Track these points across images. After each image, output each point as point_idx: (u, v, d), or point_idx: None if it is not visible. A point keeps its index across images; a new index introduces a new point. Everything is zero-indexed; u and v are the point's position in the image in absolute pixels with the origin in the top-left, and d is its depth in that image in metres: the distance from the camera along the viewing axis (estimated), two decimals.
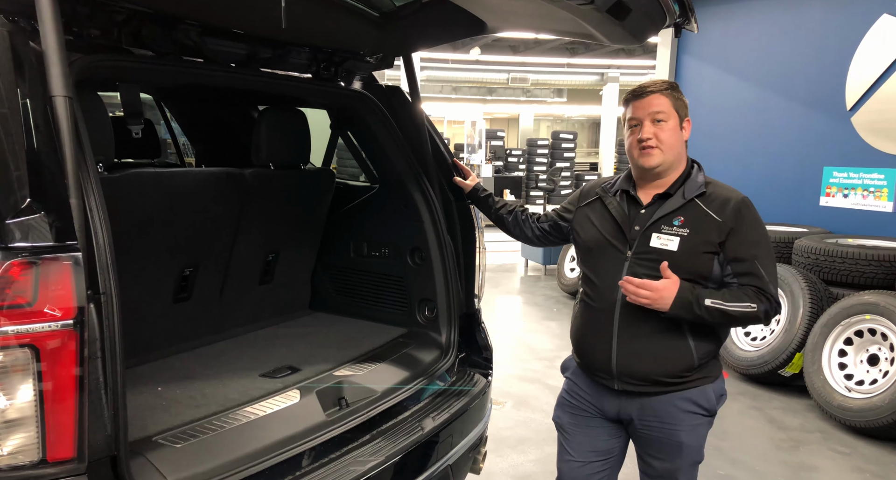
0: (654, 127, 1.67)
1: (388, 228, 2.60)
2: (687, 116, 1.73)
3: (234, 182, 2.22)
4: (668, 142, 1.67)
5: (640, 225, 1.71)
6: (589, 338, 1.80)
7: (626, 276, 1.66)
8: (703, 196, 1.69)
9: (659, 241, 1.67)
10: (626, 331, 1.69)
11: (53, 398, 1.23)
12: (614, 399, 1.77)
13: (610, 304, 1.71)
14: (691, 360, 1.67)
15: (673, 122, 1.68)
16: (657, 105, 1.68)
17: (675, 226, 1.66)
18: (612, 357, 1.71)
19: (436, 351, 2.40)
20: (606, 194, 1.82)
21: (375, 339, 2.42)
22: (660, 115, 1.67)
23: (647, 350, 1.68)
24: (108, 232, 1.36)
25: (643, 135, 1.67)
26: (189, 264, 2.18)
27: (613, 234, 1.74)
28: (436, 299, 2.49)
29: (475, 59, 14.97)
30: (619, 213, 1.75)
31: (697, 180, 1.71)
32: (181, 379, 1.94)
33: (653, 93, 1.69)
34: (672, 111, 1.68)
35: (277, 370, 2.06)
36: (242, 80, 2.01)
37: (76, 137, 1.35)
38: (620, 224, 1.74)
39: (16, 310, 1.19)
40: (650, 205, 1.72)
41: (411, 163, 2.46)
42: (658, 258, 1.64)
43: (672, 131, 1.68)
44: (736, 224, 1.63)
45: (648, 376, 1.69)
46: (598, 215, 1.82)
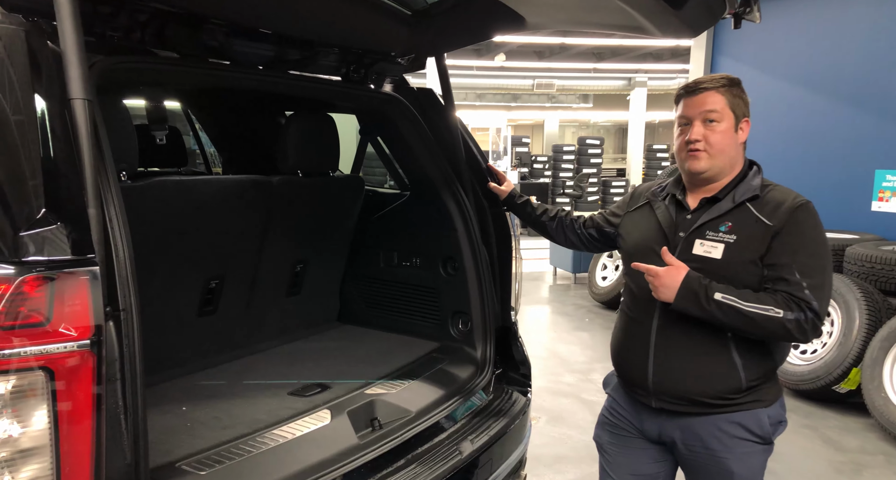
0: (704, 128, 1.54)
1: (419, 237, 2.49)
2: (746, 116, 1.58)
3: (260, 190, 2.13)
4: (718, 145, 1.54)
5: (684, 230, 1.59)
6: (625, 351, 1.69)
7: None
8: (756, 200, 1.54)
9: (702, 248, 1.53)
10: (663, 344, 1.57)
11: (69, 424, 1.13)
12: (654, 418, 1.64)
13: (647, 315, 1.60)
14: (737, 381, 1.52)
15: (727, 123, 1.54)
16: (710, 103, 1.53)
17: (722, 232, 1.52)
18: (648, 371, 1.59)
19: (471, 366, 2.28)
20: (655, 199, 1.71)
21: (407, 354, 2.31)
22: (712, 115, 1.53)
23: (686, 366, 1.55)
24: (128, 244, 1.27)
25: (691, 137, 1.54)
26: (215, 276, 2.10)
27: (657, 241, 1.62)
28: (470, 312, 2.37)
29: (500, 65, 14.87)
30: (665, 219, 1.64)
31: (752, 183, 1.56)
32: (206, 398, 1.84)
33: (707, 90, 1.55)
34: (727, 110, 1.54)
35: (306, 387, 1.95)
36: (270, 83, 1.92)
37: (96, 143, 1.27)
38: (665, 230, 1.62)
39: (30, 330, 1.09)
40: (697, 210, 1.60)
41: (444, 168, 2.35)
42: (701, 267, 1.51)
43: (724, 133, 1.54)
44: (783, 227, 1.47)
45: (687, 395, 1.55)
46: (645, 221, 1.71)
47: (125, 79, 1.60)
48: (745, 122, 1.58)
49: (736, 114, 1.55)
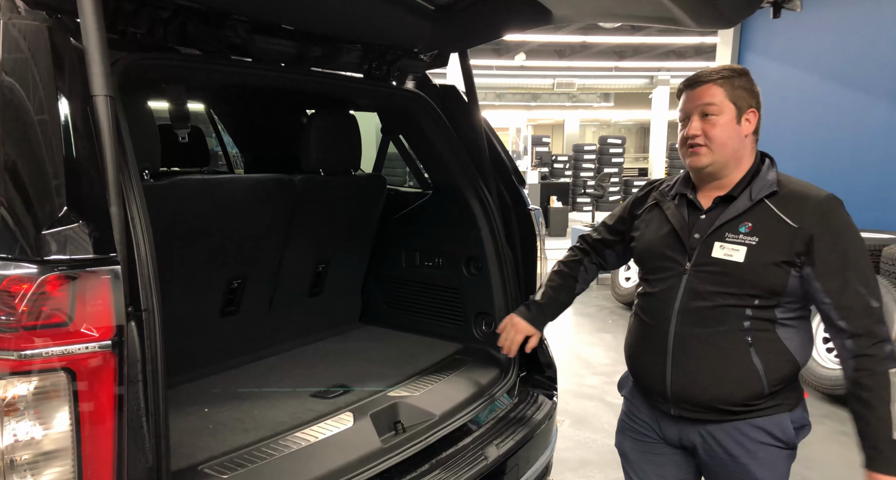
0: (702, 122, 1.47)
1: (441, 237, 2.45)
2: (753, 107, 1.47)
3: (283, 189, 2.11)
4: (718, 139, 1.46)
5: (700, 232, 1.50)
6: (641, 357, 1.61)
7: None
8: (774, 196, 1.45)
9: (723, 251, 1.45)
10: (681, 350, 1.49)
11: (91, 426, 1.11)
12: (673, 424, 1.58)
13: (664, 319, 1.52)
14: (759, 386, 1.44)
15: (727, 116, 1.46)
16: (708, 96, 1.46)
17: (742, 234, 1.44)
18: (666, 379, 1.51)
19: (495, 369, 2.23)
20: (664, 199, 1.61)
21: (430, 356, 2.27)
22: (710, 108, 1.46)
23: (706, 372, 1.47)
24: (150, 243, 1.25)
25: (689, 132, 1.48)
26: (237, 276, 2.08)
27: (671, 243, 1.54)
28: (494, 312, 2.32)
29: (520, 64, 14.78)
30: (677, 220, 1.55)
31: (767, 178, 1.47)
32: (228, 400, 1.82)
33: (705, 83, 1.48)
34: (726, 102, 1.45)
35: (329, 389, 1.92)
36: (292, 80, 1.90)
37: (118, 140, 1.25)
38: (679, 231, 1.53)
39: (52, 330, 1.08)
40: (711, 210, 1.51)
41: (467, 167, 2.31)
42: (722, 270, 1.44)
43: (725, 126, 1.45)
44: (817, 231, 1.39)
45: (707, 402, 1.47)
46: (656, 222, 1.61)
47: (148, 76, 1.59)
48: (750, 113, 1.48)
49: (738, 105, 1.46)
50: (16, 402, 1.06)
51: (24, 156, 1.18)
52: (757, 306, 1.43)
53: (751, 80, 1.49)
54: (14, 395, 1.05)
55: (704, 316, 1.46)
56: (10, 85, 1.20)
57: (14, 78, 1.22)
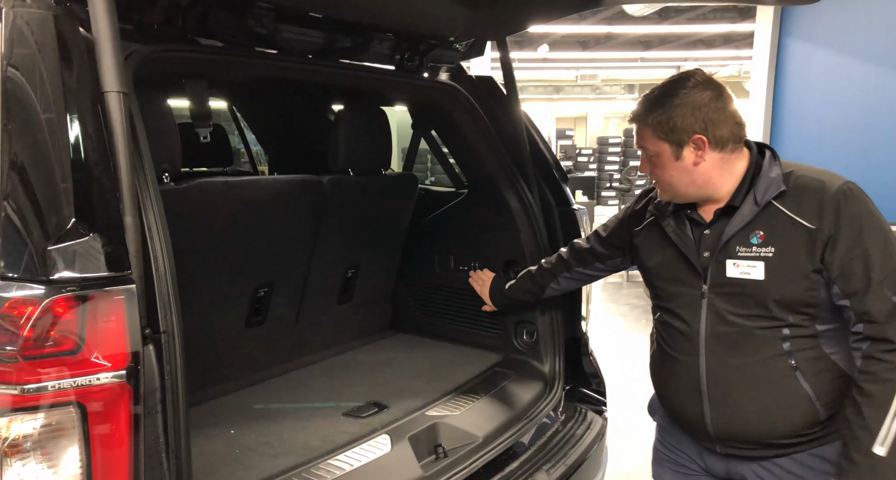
0: (649, 162, 1.36)
1: (478, 239, 2.29)
2: (696, 132, 1.26)
3: (310, 190, 1.97)
4: (664, 180, 1.34)
5: (708, 249, 1.33)
6: (673, 394, 1.44)
7: None
8: (783, 196, 1.26)
9: (738, 270, 1.28)
10: (717, 386, 1.33)
11: (104, 467, 0.98)
12: (720, 460, 1.41)
13: (692, 353, 1.36)
14: (813, 413, 1.28)
15: (664, 156, 1.31)
16: (638, 138, 1.36)
17: (755, 246, 1.26)
18: (706, 418, 1.35)
19: (539, 383, 2.07)
20: (662, 214, 1.42)
21: (468, 369, 2.11)
22: (644, 151, 1.36)
23: (749, 406, 1.31)
24: (169, 256, 1.11)
25: (640, 169, 1.42)
26: (263, 284, 1.95)
27: (679, 266, 1.38)
28: (536, 321, 2.16)
29: (543, 56, 14.51)
30: (679, 238, 1.38)
31: (771, 176, 1.28)
32: (255, 419, 1.69)
33: (633, 120, 1.36)
34: (657, 143, 1.31)
35: (362, 408, 1.78)
36: (320, 73, 1.75)
37: (133, 141, 1.11)
38: (684, 251, 1.36)
39: (60, 359, 0.95)
40: (714, 223, 1.34)
41: (506, 164, 2.15)
42: (743, 291, 1.27)
43: (665, 167, 1.32)
44: (836, 228, 1.20)
45: (757, 438, 1.32)
46: (657, 242, 1.44)
47: (166, 70, 1.46)
48: (696, 140, 1.26)
49: (670, 140, 1.29)
50: (20, 442, 0.93)
51: (30, 162, 1.05)
52: (793, 324, 1.26)
53: (682, 100, 1.26)
54: (18, 434, 0.92)
55: (736, 344, 1.30)
56: (14, 80, 1.07)
57: (19, 72, 1.09)
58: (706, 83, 1.29)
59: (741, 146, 1.33)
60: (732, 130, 1.29)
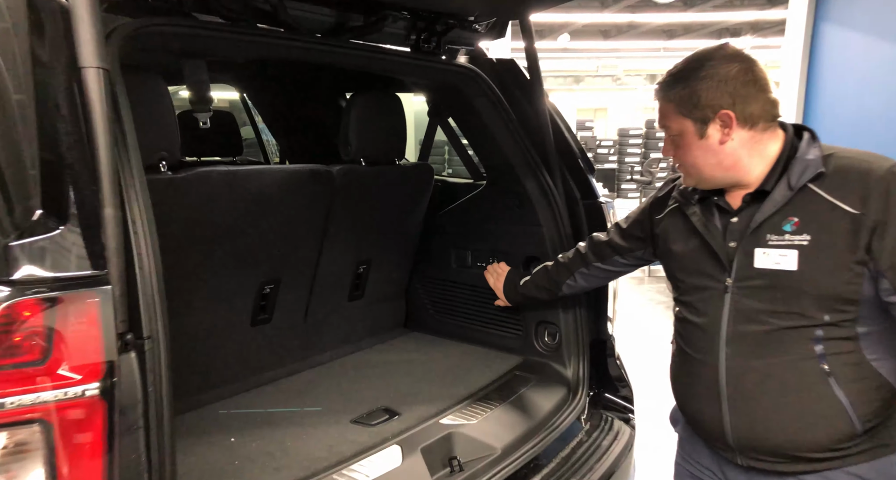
0: (672, 142, 1.26)
1: (497, 234, 2.15)
2: (722, 108, 1.15)
3: (319, 181, 1.85)
4: (687, 162, 1.24)
5: (734, 239, 1.21)
6: (691, 397, 1.33)
7: None
8: (821, 179, 1.13)
9: (767, 259, 1.16)
10: (737, 389, 1.21)
11: None
12: (742, 473, 1.28)
13: (711, 352, 1.24)
14: (848, 425, 1.14)
15: (688, 136, 1.20)
16: (661, 116, 1.25)
17: (788, 233, 1.14)
18: (725, 424, 1.24)
19: (562, 388, 1.93)
20: (687, 201, 1.32)
21: (486, 372, 1.98)
22: (666, 130, 1.25)
23: (773, 414, 1.18)
24: (155, 253, 0.99)
25: (662, 152, 1.30)
26: (269, 280, 1.83)
27: (703, 256, 1.26)
28: (558, 322, 2.02)
29: (563, 46, 14.23)
30: (704, 226, 1.27)
31: (808, 157, 1.15)
32: (258, 426, 1.58)
33: (656, 97, 1.25)
34: (681, 120, 1.20)
35: (372, 414, 1.66)
36: (329, 54, 1.62)
37: (115, 123, 1.00)
38: (709, 241, 1.25)
39: (21, 371, 0.83)
40: (743, 209, 1.21)
41: (528, 153, 2.00)
42: (772, 284, 1.15)
43: (689, 147, 1.21)
44: (885, 214, 1.07)
45: (781, 450, 1.19)
46: (681, 231, 1.34)
47: (159, 47, 1.34)
48: (722, 117, 1.15)
49: (694, 117, 1.18)
50: None
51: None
52: (828, 323, 1.13)
53: (708, 72, 1.15)
54: None
55: (761, 344, 1.18)
56: None
57: None
58: (735, 56, 1.17)
59: (775, 126, 1.20)
60: (764, 107, 1.16)
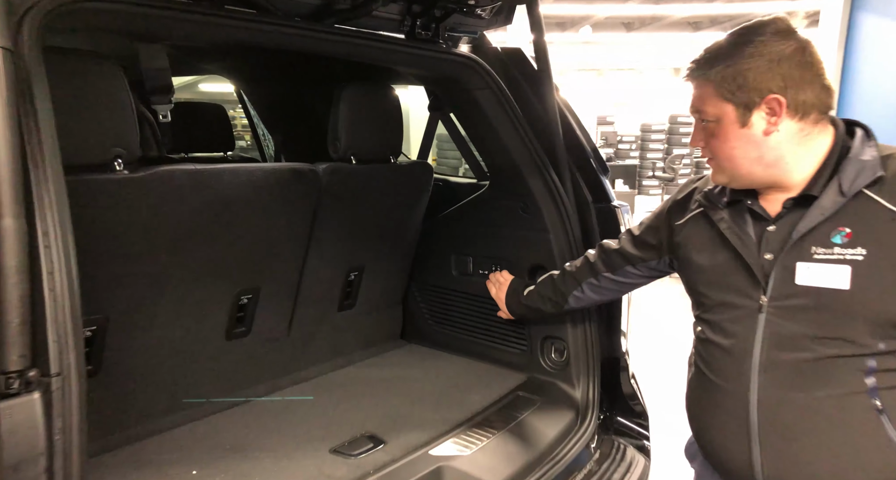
0: (704, 130, 1.11)
1: (500, 239, 1.98)
2: (771, 92, 1.01)
3: (303, 181, 1.68)
4: (721, 154, 1.09)
5: (771, 250, 1.07)
6: (713, 430, 1.18)
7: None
8: (879, 184, 1.00)
9: (812, 275, 1.02)
10: (772, 424, 1.07)
11: None
12: None
13: (740, 380, 1.10)
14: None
15: (727, 123, 1.06)
16: (695, 98, 1.10)
17: (839, 246, 1.00)
18: (755, 464, 1.10)
19: (569, 412, 1.75)
20: (713, 205, 1.17)
21: (486, 392, 1.81)
22: (701, 114, 1.10)
23: (815, 456, 1.05)
24: (71, 272, 0.84)
25: (690, 143, 1.16)
26: (246, 290, 1.67)
27: (732, 269, 1.12)
28: (566, 337, 1.84)
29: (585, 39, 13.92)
30: (736, 235, 1.12)
31: (863, 158, 1.02)
32: (225, 456, 1.42)
33: (690, 77, 1.10)
34: (720, 104, 1.05)
35: (354, 442, 1.49)
36: (307, 40, 1.45)
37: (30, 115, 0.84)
38: (741, 252, 1.10)
39: None
40: (783, 216, 1.07)
41: (534, 152, 1.83)
42: (817, 304, 1.01)
43: (726, 136, 1.07)
44: None
45: None
46: (706, 239, 1.18)
47: (104, 27, 1.18)
48: (770, 103, 1.01)
49: (737, 101, 1.04)
50: None
51: None
52: (883, 352, 1.00)
53: (757, 49, 1.01)
54: None
55: (802, 374, 1.04)
56: None
57: None
58: (790, 32, 1.03)
59: (826, 119, 1.06)
60: (819, 95, 1.02)
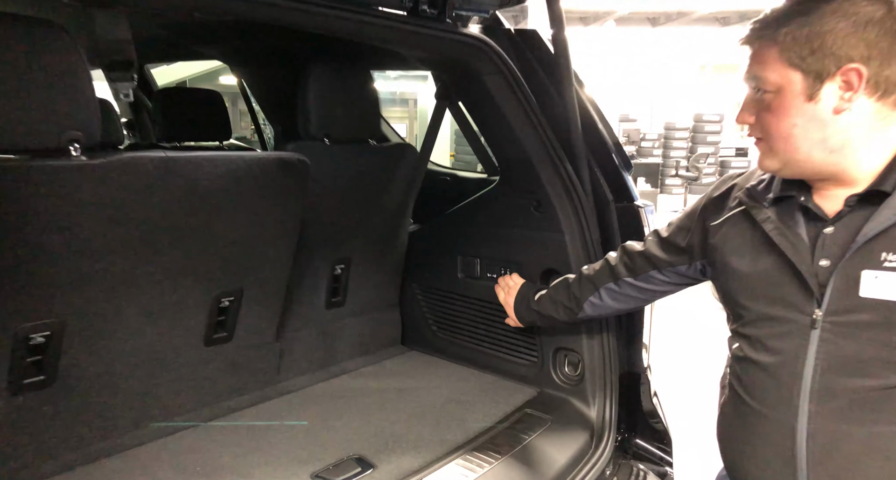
0: (755, 101, 0.96)
1: (510, 240, 1.82)
2: (849, 63, 0.86)
3: (292, 173, 1.53)
4: (779, 132, 0.93)
5: (829, 256, 0.93)
6: (751, 463, 1.04)
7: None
8: None
9: (882, 286, 0.88)
10: (825, 463, 0.94)
11: None
12: None
13: (786, 407, 0.97)
14: None
15: (789, 94, 0.90)
16: (754, 62, 0.94)
17: None
18: None
19: (583, 433, 1.58)
20: (757, 203, 1.03)
21: (491, 409, 1.64)
22: (758, 82, 0.94)
23: None
24: None
25: (736, 119, 1.00)
26: (228, 292, 1.53)
27: (780, 278, 0.98)
28: (581, 349, 1.68)
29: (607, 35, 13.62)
30: (785, 238, 0.97)
31: None
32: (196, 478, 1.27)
33: (751, 38, 0.94)
34: (785, 71, 0.90)
35: (339, 466, 1.34)
36: (290, 13, 1.28)
37: None
38: (791, 257, 0.96)
39: None
40: (844, 216, 0.94)
41: (550, 144, 1.66)
42: (886, 321, 0.88)
43: (786, 112, 0.91)
44: None
45: None
46: (746, 242, 1.04)
47: None
48: (847, 74, 0.86)
49: (806, 69, 0.88)
50: None
51: None
52: None
53: (841, 8, 0.86)
54: None
55: (864, 404, 0.91)
56: None
57: None
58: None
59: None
60: None
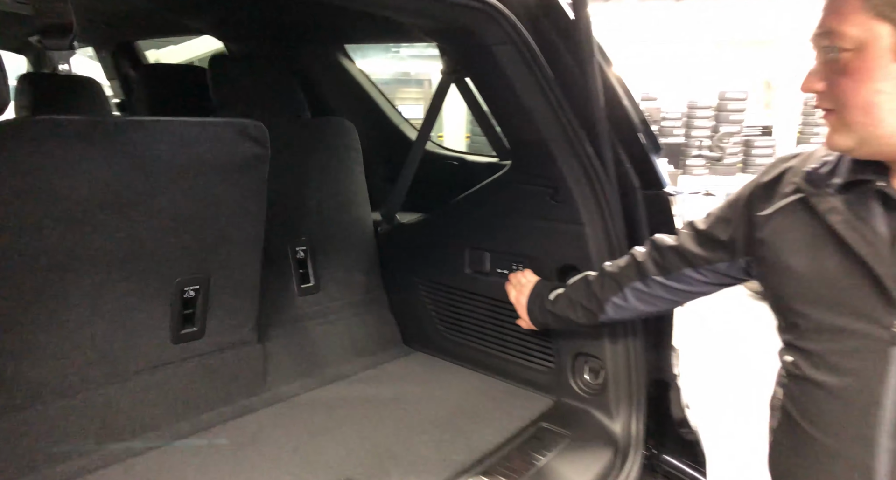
0: (827, 64, 0.81)
1: (524, 232, 1.64)
2: None
3: (251, 141, 1.39)
4: (859, 99, 0.78)
5: None
6: None
7: None
8: None
9: None
10: None
11: None
12: None
13: (862, 441, 0.84)
14: None
15: (874, 53, 0.75)
16: (828, 14, 0.79)
17: None
18: None
19: (606, 450, 1.42)
20: (819, 190, 0.88)
21: (501, 422, 1.48)
22: (833, 39, 0.78)
23: None
24: None
25: (801, 86, 0.84)
26: (191, 279, 1.36)
27: (848, 280, 0.84)
28: (603, 355, 1.51)
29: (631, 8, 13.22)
30: (855, 231, 0.83)
31: None
32: None
33: None
34: (870, 23, 0.75)
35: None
36: None
37: None
38: (865, 256, 0.81)
39: None
40: None
41: (568, 124, 1.46)
42: None
43: (870, 75, 0.76)
44: None
45: None
46: (804, 236, 0.90)
47: None
48: None
49: (895, 23, 0.74)
50: None
51: None
52: None
53: None
54: None
55: None
56: None
57: None
58: None
59: None
60: None
